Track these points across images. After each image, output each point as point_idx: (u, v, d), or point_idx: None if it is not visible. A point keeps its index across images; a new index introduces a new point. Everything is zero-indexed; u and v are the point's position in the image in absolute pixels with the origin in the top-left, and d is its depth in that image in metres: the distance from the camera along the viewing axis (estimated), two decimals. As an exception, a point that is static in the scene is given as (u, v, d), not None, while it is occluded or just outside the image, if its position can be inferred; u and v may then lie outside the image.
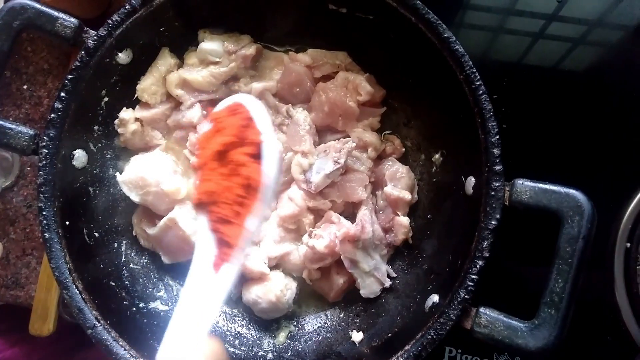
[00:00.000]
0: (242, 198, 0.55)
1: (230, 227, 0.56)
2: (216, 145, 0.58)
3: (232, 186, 0.56)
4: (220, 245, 0.56)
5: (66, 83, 0.69)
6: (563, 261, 0.59)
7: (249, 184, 0.55)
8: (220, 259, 0.56)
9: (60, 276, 0.66)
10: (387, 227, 0.78)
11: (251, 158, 0.56)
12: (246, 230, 0.55)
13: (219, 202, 0.56)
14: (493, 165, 0.64)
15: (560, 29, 0.90)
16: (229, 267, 0.55)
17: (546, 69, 0.90)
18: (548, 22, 0.90)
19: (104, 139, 0.78)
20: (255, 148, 0.56)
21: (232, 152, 0.57)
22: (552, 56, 0.90)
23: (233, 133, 0.57)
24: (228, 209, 0.56)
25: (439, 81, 0.71)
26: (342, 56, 0.80)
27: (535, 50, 0.90)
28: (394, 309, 0.75)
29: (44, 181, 0.68)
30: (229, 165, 0.57)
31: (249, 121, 0.57)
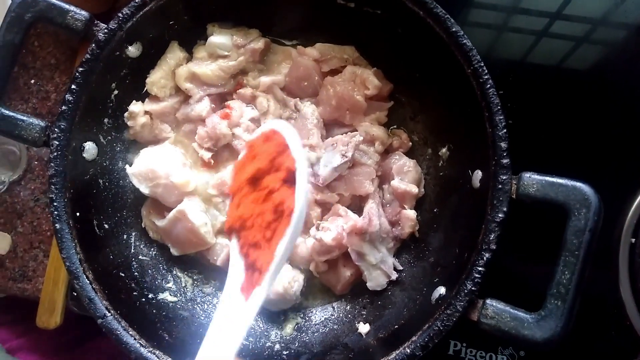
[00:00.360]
0: (274, 223, 0.55)
1: (260, 252, 0.55)
2: (250, 171, 0.58)
3: (263, 211, 0.56)
4: (250, 270, 0.56)
5: (77, 75, 0.70)
6: (570, 253, 0.59)
7: (281, 210, 0.54)
8: (249, 283, 0.56)
9: (71, 266, 0.67)
10: (393, 221, 0.78)
11: (284, 184, 0.55)
12: (277, 256, 0.54)
13: (250, 227, 0.57)
14: (500, 159, 0.64)
15: (564, 28, 0.90)
16: (258, 291, 0.54)
17: (550, 67, 0.90)
18: (552, 20, 0.90)
19: (114, 131, 0.79)
20: (289, 174, 0.55)
21: (265, 178, 0.57)
22: (556, 54, 0.90)
23: (267, 159, 0.58)
24: (259, 234, 0.56)
25: (447, 75, 0.72)
26: (349, 50, 0.81)
27: (539, 49, 0.90)
28: (400, 301, 0.75)
29: (55, 172, 0.68)
30: (261, 191, 0.57)
31: (284, 147, 0.57)
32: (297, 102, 0.80)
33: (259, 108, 0.79)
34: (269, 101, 0.79)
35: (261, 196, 0.57)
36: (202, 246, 0.77)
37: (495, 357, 0.83)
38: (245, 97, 0.80)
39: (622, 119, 0.86)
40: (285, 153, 0.57)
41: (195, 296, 0.80)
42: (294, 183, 0.54)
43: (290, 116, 0.80)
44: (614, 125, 0.87)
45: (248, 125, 0.78)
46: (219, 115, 0.77)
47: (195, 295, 0.80)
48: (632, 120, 0.86)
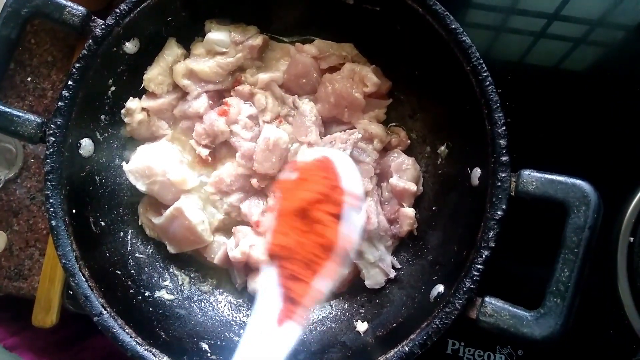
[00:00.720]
0: (317, 257, 0.55)
1: (299, 285, 0.55)
2: (299, 200, 0.57)
3: (308, 243, 0.55)
4: (286, 301, 0.56)
5: (74, 71, 0.69)
6: (569, 251, 0.59)
7: (326, 244, 0.54)
8: (285, 315, 0.55)
9: (67, 263, 0.66)
10: (392, 219, 0.78)
11: (333, 217, 0.55)
12: (315, 290, 0.54)
13: (292, 258, 0.56)
14: (499, 156, 0.64)
15: (562, 29, 0.90)
16: (293, 324, 0.54)
17: (548, 68, 0.90)
18: (550, 21, 0.90)
19: (111, 128, 0.78)
20: (339, 208, 0.55)
21: (314, 208, 0.56)
22: (554, 55, 0.90)
23: (318, 190, 0.57)
24: (301, 265, 0.55)
25: (446, 73, 0.71)
26: (348, 47, 0.80)
27: (537, 50, 0.90)
28: (398, 299, 0.75)
29: (51, 169, 0.68)
30: (308, 222, 0.56)
31: (336, 179, 0.57)
32: (295, 99, 0.79)
33: (257, 105, 0.79)
34: (267, 98, 0.79)
35: (307, 227, 0.56)
36: (199, 244, 0.77)
37: (494, 357, 0.83)
38: (243, 94, 0.79)
39: (620, 119, 0.87)
40: (337, 185, 0.56)
41: (192, 294, 0.79)
42: (343, 218, 0.54)
43: (288, 113, 0.80)
44: (612, 125, 0.87)
45: (246, 122, 0.77)
46: (216, 112, 0.77)
47: (192, 294, 0.79)
48: (630, 120, 0.86)
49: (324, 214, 0.55)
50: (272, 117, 0.79)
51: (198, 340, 0.72)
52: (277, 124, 0.79)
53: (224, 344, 0.74)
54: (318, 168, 0.59)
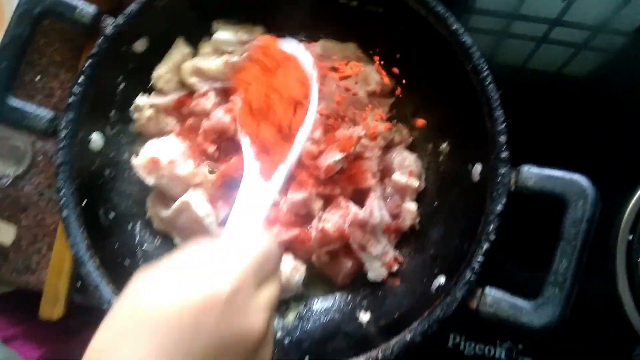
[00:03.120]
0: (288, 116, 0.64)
1: (276, 145, 0.65)
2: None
3: (277, 105, 0.65)
4: (265, 157, 0.65)
5: (85, 68, 0.71)
6: (567, 243, 0.61)
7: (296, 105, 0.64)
8: (267, 168, 0.64)
9: (77, 252, 0.68)
10: (394, 213, 0.80)
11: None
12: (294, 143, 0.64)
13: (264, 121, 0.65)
14: (499, 153, 0.66)
15: (563, 34, 0.92)
16: (281, 167, 0.64)
17: (549, 73, 0.92)
18: (552, 26, 0.92)
19: (120, 124, 0.80)
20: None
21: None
22: (556, 61, 0.92)
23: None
24: (273, 127, 0.65)
25: (447, 72, 0.73)
26: (352, 47, 0.82)
27: (538, 55, 0.92)
28: (400, 291, 0.77)
29: (63, 161, 0.70)
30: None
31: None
32: (300, 97, 0.81)
33: (263, 102, 0.81)
34: (273, 96, 0.80)
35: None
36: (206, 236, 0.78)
37: (494, 350, 0.84)
38: (249, 92, 0.81)
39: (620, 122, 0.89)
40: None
41: (198, 286, 0.81)
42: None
43: (293, 111, 0.81)
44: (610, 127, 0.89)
45: (252, 119, 0.79)
46: (223, 110, 0.79)
47: (198, 286, 0.81)
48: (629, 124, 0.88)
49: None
50: (277, 114, 0.81)
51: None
52: (283, 120, 0.80)
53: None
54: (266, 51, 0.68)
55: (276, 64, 0.68)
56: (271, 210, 0.78)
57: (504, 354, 0.84)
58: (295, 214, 0.78)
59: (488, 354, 0.84)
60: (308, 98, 0.67)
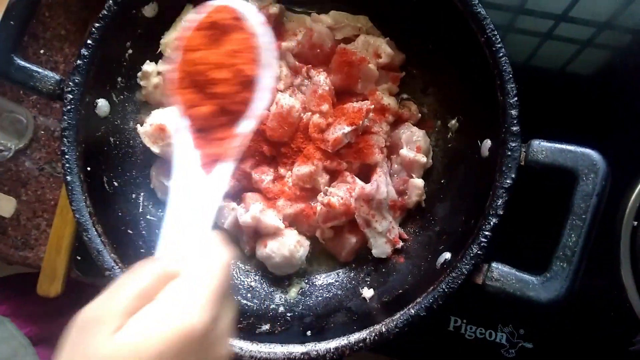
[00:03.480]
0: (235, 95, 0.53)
1: (219, 129, 0.54)
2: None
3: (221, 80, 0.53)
4: (206, 144, 0.54)
5: (93, 31, 0.70)
6: (577, 217, 0.60)
7: (244, 81, 0.53)
8: (209, 158, 0.53)
9: (80, 218, 0.67)
10: (401, 190, 0.79)
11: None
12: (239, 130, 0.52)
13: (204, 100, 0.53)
14: (510, 126, 0.65)
15: (569, 30, 0.91)
16: (222, 165, 0.52)
17: (554, 70, 0.91)
18: (557, 22, 0.91)
19: (126, 91, 0.79)
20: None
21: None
22: (560, 58, 0.91)
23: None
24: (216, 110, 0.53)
25: (459, 45, 0.72)
26: (363, 20, 0.81)
27: (542, 51, 0.91)
28: (404, 268, 0.76)
29: (68, 126, 0.69)
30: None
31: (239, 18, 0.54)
32: (309, 69, 0.80)
33: (272, 74, 0.80)
34: (281, 67, 0.80)
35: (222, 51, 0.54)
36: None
37: (495, 335, 0.84)
38: (258, 63, 0.80)
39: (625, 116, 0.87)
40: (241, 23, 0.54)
41: (201, 258, 0.80)
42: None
43: (301, 83, 0.80)
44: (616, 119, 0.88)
45: (260, 90, 0.78)
46: (231, 79, 0.78)
47: (201, 257, 0.80)
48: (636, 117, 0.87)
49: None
50: (285, 86, 0.80)
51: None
52: (290, 93, 0.79)
53: (231, 306, 0.74)
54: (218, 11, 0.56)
55: (226, 29, 0.55)
56: (275, 184, 0.77)
57: (505, 339, 0.83)
58: (301, 188, 0.78)
59: (489, 338, 0.84)
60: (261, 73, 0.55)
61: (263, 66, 0.55)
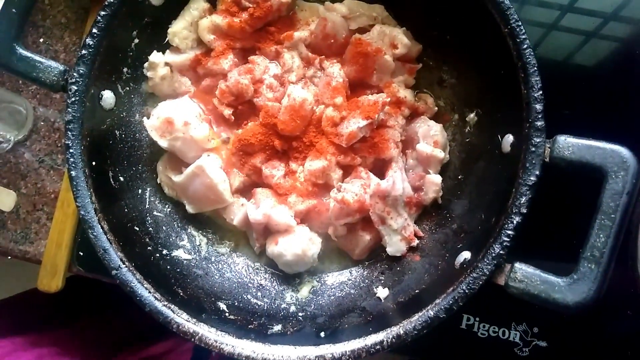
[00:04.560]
0: None
1: None
2: None
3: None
4: None
5: (98, 19, 0.67)
6: (606, 216, 0.58)
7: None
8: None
9: (86, 215, 0.65)
10: (416, 186, 0.76)
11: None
12: None
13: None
14: (535, 121, 0.62)
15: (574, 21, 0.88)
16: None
17: (558, 61, 0.88)
18: (563, 13, 0.88)
19: (132, 82, 0.76)
20: None
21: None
22: (565, 48, 0.88)
23: None
24: None
25: (480, 36, 0.70)
26: (378, 9, 0.78)
27: (547, 42, 0.88)
28: (420, 267, 0.73)
29: (72, 118, 0.66)
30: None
31: None
32: (323, 60, 0.77)
33: (283, 65, 0.77)
34: (293, 58, 0.77)
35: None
36: (220, 204, 0.75)
37: (508, 333, 0.82)
38: (269, 53, 0.77)
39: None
40: None
41: (209, 255, 0.78)
42: None
43: (314, 74, 0.77)
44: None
45: (271, 82, 0.75)
46: (242, 71, 0.75)
47: (209, 255, 0.78)
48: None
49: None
50: (297, 78, 0.77)
51: (216, 300, 0.71)
52: (303, 85, 0.77)
53: (241, 305, 0.72)
54: None
55: None
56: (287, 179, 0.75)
57: (518, 337, 0.81)
58: (313, 183, 0.75)
59: (502, 336, 0.81)
60: None
61: None
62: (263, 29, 0.78)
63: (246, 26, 0.75)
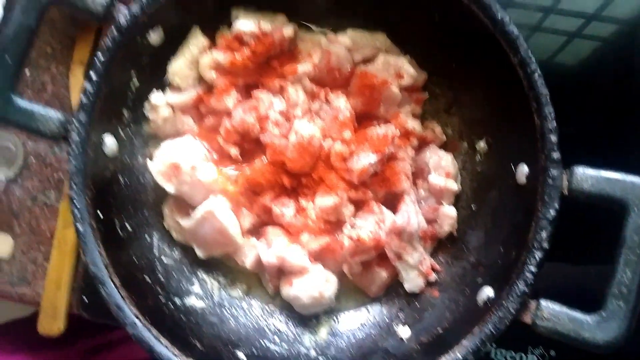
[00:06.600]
0: None
1: None
2: None
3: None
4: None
5: (96, 63, 0.64)
6: (631, 251, 0.57)
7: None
8: None
9: (96, 271, 0.62)
10: (430, 218, 0.75)
11: None
12: None
13: None
14: (550, 153, 0.61)
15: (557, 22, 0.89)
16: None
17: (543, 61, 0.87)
18: (546, 14, 0.89)
19: (133, 124, 0.73)
20: None
21: None
22: (548, 49, 0.89)
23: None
24: None
25: (487, 65, 0.69)
26: (381, 38, 0.76)
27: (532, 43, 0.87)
28: (440, 303, 0.72)
29: (76, 170, 0.63)
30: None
31: None
32: (328, 93, 0.75)
33: (288, 100, 0.75)
34: (297, 92, 0.75)
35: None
36: (231, 247, 0.73)
37: (526, 357, 0.81)
38: (273, 88, 0.75)
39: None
40: None
41: (222, 300, 0.76)
42: None
43: (320, 108, 0.76)
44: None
45: (277, 117, 0.73)
46: (246, 108, 0.73)
47: (222, 300, 0.76)
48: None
49: None
50: (303, 112, 0.75)
51: (234, 349, 0.69)
52: (309, 119, 0.75)
53: (260, 353, 0.70)
54: None
55: None
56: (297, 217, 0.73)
57: (535, 361, 0.81)
58: (325, 220, 0.73)
59: (520, 361, 0.81)
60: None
61: None
62: (265, 63, 0.76)
63: (248, 62, 0.73)
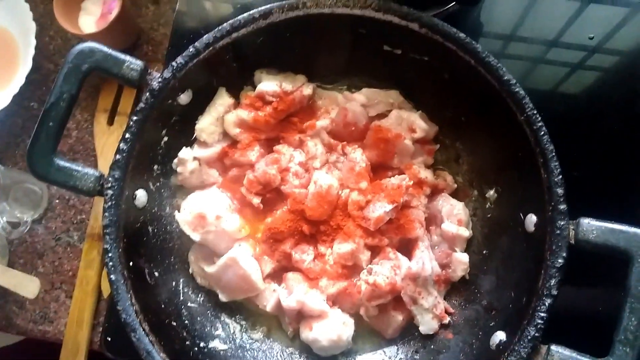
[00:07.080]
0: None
1: None
2: None
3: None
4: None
5: (131, 125, 0.70)
6: (635, 299, 0.60)
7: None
8: None
9: (128, 319, 0.65)
10: (444, 263, 0.78)
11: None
12: None
13: None
14: (557, 205, 0.65)
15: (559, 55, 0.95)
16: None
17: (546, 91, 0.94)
18: (548, 48, 0.95)
19: (162, 177, 0.78)
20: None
21: None
22: (551, 80, 0.94)
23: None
24: None
25: (495, 121, 0.73)
26: (394, 94, 0.82)
27: (535, 74, 0.95)
28: (454, 345, 0.75)
29: (109, 222, 0.68)
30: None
31: None
32: (345, 146, 0.80)
33: (307, 152, 0.79)
34: (316, 145, 0.79)
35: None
36: (252, 292, 0.76)
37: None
38: (293, 142, 0.80)
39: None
40: None
41: (244, 343, 0.79)
42: None
43: (337, 160, 0.80)
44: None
45: (297, 169, 0.78)
46: (268, 161, 0.78)
47: (244, 342, 0.79)
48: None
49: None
50: (321, 164, 0.80)
51: (257, 393, 0.72)
52: (327, 170, 0.79)
53: (282, 395, 0.73)
54: None
55: None
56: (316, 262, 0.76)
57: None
58: (343, 265, 0.77)
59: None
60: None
61: None
62: (286, 119, 0.81)
63: (270, 119, 0.78)
